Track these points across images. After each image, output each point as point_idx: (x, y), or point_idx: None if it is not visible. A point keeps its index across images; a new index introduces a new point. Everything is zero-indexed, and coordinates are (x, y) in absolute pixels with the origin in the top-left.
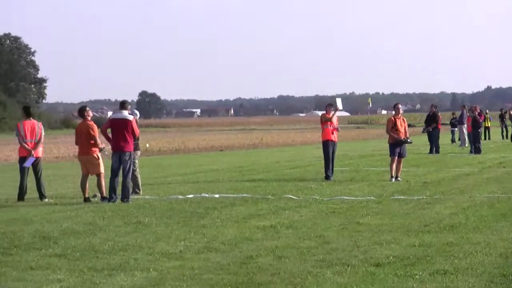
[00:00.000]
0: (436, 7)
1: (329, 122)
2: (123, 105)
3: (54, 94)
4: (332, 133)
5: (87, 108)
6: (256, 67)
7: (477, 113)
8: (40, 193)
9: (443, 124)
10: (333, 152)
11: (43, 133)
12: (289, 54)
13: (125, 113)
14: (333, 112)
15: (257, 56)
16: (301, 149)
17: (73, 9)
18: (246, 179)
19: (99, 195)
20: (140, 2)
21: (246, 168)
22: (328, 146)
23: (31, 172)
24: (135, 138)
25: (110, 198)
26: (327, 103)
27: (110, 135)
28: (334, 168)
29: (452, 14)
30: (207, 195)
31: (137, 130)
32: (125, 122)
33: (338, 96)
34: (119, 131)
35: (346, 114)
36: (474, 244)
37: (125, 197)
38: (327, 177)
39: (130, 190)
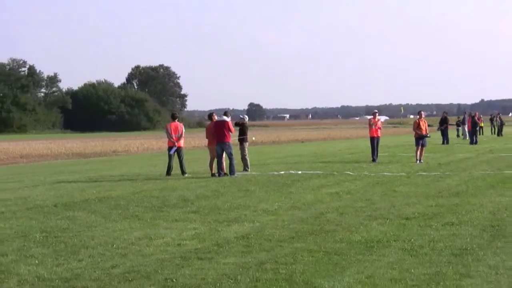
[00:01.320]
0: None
1: (373, 124)
2: (225, 113)
3: (192, 104)
4: (376, 131)
5: (214, 114)
6: (326, 85)
7: (476, 118)
8: (182, 170)
9: (451, 124)
10: (377, 144)
11: (183, 130)
12: (348, 73)
13: (225, 117)
14: (377, 118)
15: (327, 76)
16: (356, 141)
17: (204, 45)
18: (319, 161)
19: (221, 172)
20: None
21: (319, 154)
22: (373, 140)
23: (176, 157)
24: (242, 133)
25: (219, 173)
26: (373, 111)
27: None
28: (378, 154)
29: (458, 44)
30: (293, 172)
31: (232, 128)
32: (224, 123)
33: (381, 105)
34: (220, 129)
35: (386, 118)
36: (472, 205)
37: (231, 172)
38: (373, 160)
39: (236, 168)
